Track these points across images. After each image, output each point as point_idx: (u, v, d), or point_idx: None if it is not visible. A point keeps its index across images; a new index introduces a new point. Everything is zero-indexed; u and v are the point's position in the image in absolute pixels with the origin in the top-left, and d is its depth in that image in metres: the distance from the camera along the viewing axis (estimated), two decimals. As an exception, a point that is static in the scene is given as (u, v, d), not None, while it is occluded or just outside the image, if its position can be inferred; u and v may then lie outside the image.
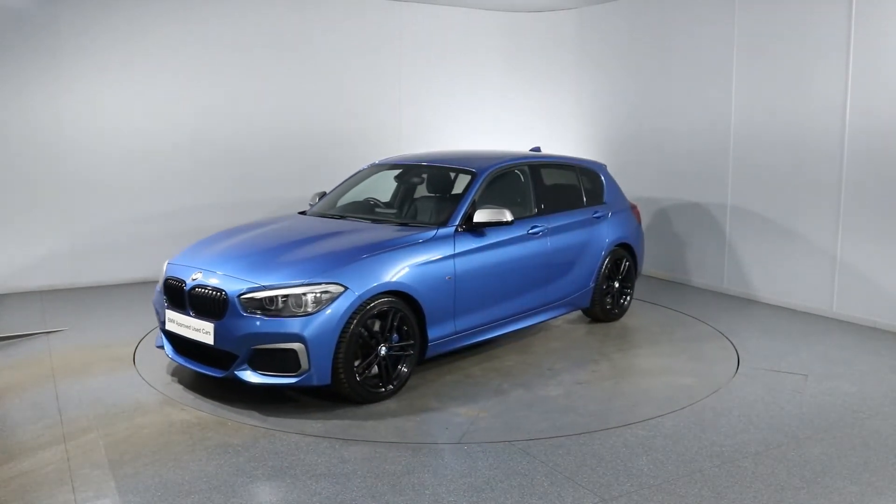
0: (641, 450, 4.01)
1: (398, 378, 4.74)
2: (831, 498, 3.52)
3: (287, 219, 5.89)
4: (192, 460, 3.83)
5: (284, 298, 4.38)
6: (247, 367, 4.43)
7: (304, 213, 6.05)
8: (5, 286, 7.44)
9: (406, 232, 5.09)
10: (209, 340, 4.52)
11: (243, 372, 4.43)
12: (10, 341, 5.90)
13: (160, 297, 5.00)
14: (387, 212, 5.93)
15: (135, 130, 7.88)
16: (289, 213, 6.40)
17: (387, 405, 4.63)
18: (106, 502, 3.42)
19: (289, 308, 4.36)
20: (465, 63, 9.77)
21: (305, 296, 4.37)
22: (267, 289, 4.42)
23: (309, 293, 4.38)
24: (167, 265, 5.09)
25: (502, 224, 5.27)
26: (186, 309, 4.71)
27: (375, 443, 4.07)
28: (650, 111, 8.61)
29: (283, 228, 5.43)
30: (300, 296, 4.37)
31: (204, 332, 4.55)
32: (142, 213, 7.99)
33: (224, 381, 4.74)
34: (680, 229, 8.33)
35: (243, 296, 4.43)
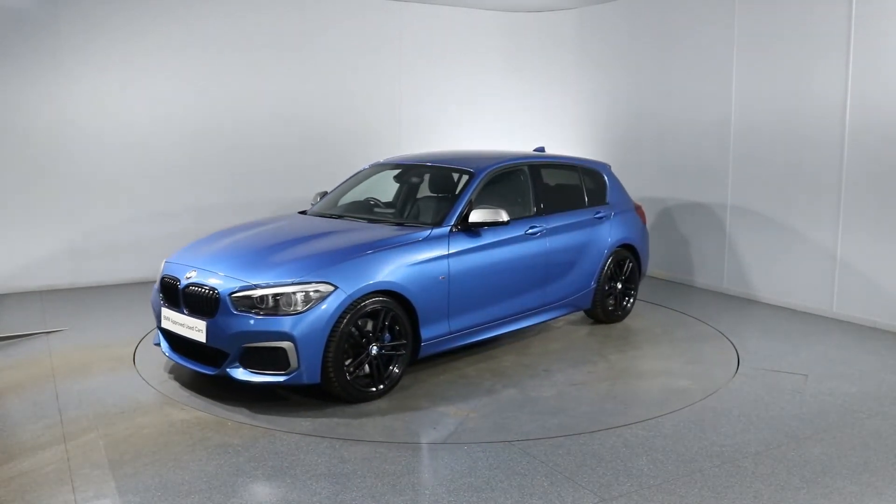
0: (641, 450, 4.01)
1: (389, 378, 4.75)
2: (831, 498, 3.52)
3: (285, 218, 5.91)
4: (192, 460, 3.83)
5: (274, 297, 4.41)
6: (238, 365, 4.47)
7: (305, 213, 6.07)
8: (5, 286, 7.44)
9: (400, 232, 5.09)
10: (201, 338, 4.57)
11: (234, 370, 4.48)
12: (10, 341, 5.90)
13: (157, 296, 5.06)
14: (385, 212, 5.93)
15: (135, 130, 7.88)
16: (288, 213, 6.41)
17: (377, 404, 4.63)
18: (106, 502, 3.42)
19: (279, 307, 4.39)
20: (465, 63, 9.77)
21: (295, 295, 4.40)
22: (257, 287, 4.46)
23: (299, 292, 4.40)
24: (164, 264, 5.14)
25: (498, 224, 5.26)
26: (181, 307, 4.76)
27: (375, 443, 4.07)
28: (650, 111, 8.61)
29: (280, 228, 5.45)
30: (290, 295, 4.40)
31: (196, 330, 4.60)
32: (142, 214, 7.99)
33: (225, 382, 4.73)
34: (680, 229, 8.33)
35: (234, 294, 4.47)
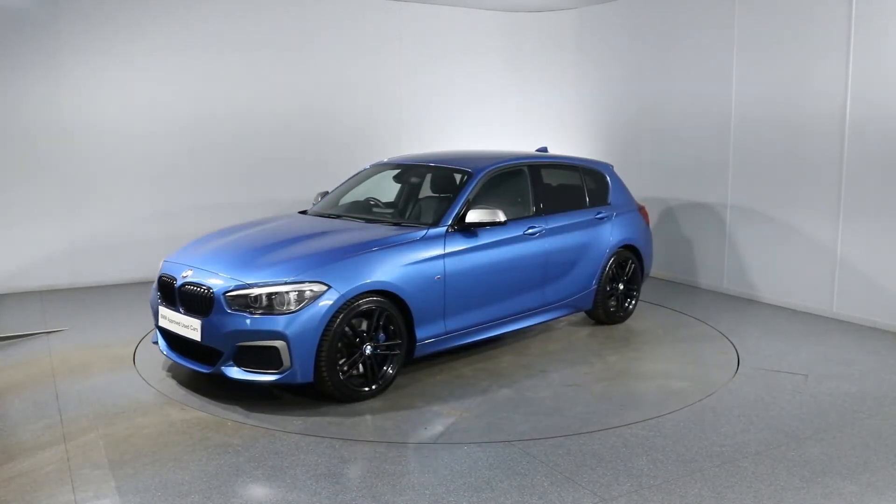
0: (641, 450, 4.01)
1: (383, 378, 4.75)
2: (831, 498, 3.52)
3: (283, 218, 5.94)
4: (192, 460, 3.83)
5: (268, 296, 4.42)
6: (232, 364, 4.50)
7: (305, 213, 6.09)
8: (5, 286, 7.44)
9: (396, 232, 5.10)
10: (196, 337, 4.60)
11: (229, 368, 4.50)
12: (10, 341, 5.91)
13: (155, 295, 5.10)
14: (383, 211, 5.93)
15: (135, 131, 7.88)
16: (288, 213, 6.42)
17: (371, 403, 4.64)
18: (106, 502, 3.42)
19: (272, 306, 4.41)
20: (465, 63, 9.77)
21: (288, 294, 4.42)
22: (251, 287, 4.48)
23: (292, 291, 4.42)
24: (163, 263, 5.18)
25: (496, 224, 5.26)
26: (177, 305, 4.80)
27: (375, 443, 4.07)
28: (650, 111, 8.61)
29: (277, 228, 5.48)
30: (283, 294, 4.42)
31: (192, 329, 4.63)
32: (142, 214, 7.99)
33: (225, 382, 4.74)
34: (680, 228, 8.33)
35: (228, 293, 4.49)
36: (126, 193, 7.90)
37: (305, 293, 4.42)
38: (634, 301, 6.71)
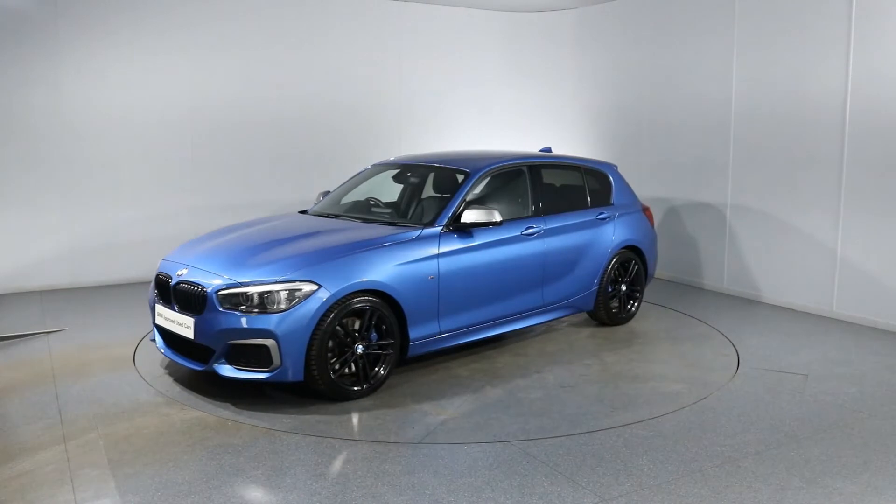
0: (641, 450, 4.01)
1: (375, 378, 4.76)
2: (831, 498, 3.52)
3: (281, 217, 5.96)
4: (192, 460, 3.83)
5: (258, 295, 4.45)
6: (224, 362, 4.53)
7: (306, 212, 6.10)
8: (5, 286, 7.45)
9: (390, 231, 5.10)
10: (190, 335, 4.64)
11: (221, 366, 4.54)
12: (10, 341, 5.91)
13: (152, 293, 5.15)
14: (381, 211, 5.94)
15: (135, 131, 7.89)
16: (288, 213, 6.43)
17: (361, 402, 4.65)
18: (106, 502, 3.41)
19: (263, 304, 4.44)
20: (465, 63, 9.77)
21: (279, 293, 4.44)
22: (242, 285, 4.51)
23: (282, 290, 4.45)
24: (161, 261, 5.23)
25: (492, 225, 5.26)
26: (172, 303, 4.84)
27: (376, 442, 4.07)
28: (650, 110, 8.61)
29: (274, 227, 5.50)
30: (274, 293, 4.45)
31: (185, 327, 4.67)
32: (142, 214, 8.00)
33: (223, 381, 4.75)
34: (680, 229, 8.33)
35: (220, 292, 4.53)
36: (126, 194, 7.90)
37: (296, 292, 4.45)
38: (637, 303, 6.66)
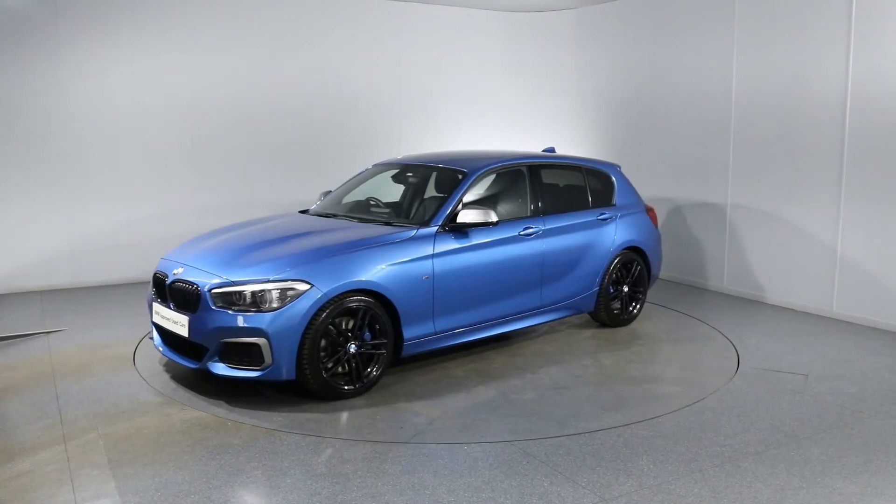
0: (641, 450, 4.01)
1: (367, 377, 4.77)
2: (831, 498, 3.52)
3: (279, 217, 5.98)
4: (192, 460, 3.83)
5: (251, 294, 4.48)
6: (217, 360, 4.56)
7: (306, 212, 6.11)
8: (5, 286, 7.44)
9: (385, 231, 5.11)
10: (184, 333, 4.67)
11: (214, 364, 4.57)
12: (10, 341, 5.91)
13: (151, 291, 5.20)
14: (379, 211, 5.93)
15: (135, 131, 7.88)
16: (288, 212, 6.44)
17: (354, 401, 4.66)
18: (106, 502, 3.42)
19: (255, 303, 4.47)
20: (465, 63, 9.77)
21: (271, 292, 4.47)
22: (235, 284, 4.54)
23: (274, 289, 4.47)
24: (160, 260, 5.27)
25: (488, 225, 5.26)
26: (168, 302, 4.88)
27: (376, 442, 4.07)
28: (649, 110, 8.61)
29: (271, 227, 5.52)
30: (266, 292, 4.47)
31: (180, 325, 4.71)
32: (142, 214, 7.99)
33: (221, 381, 4.76)
34: (680, 229, 8.33)
35: (213, 290, 4.56)
36: (126, 194, 7.90)
37: (288, 291, 4.47)
38: (640, 304, 6.59)
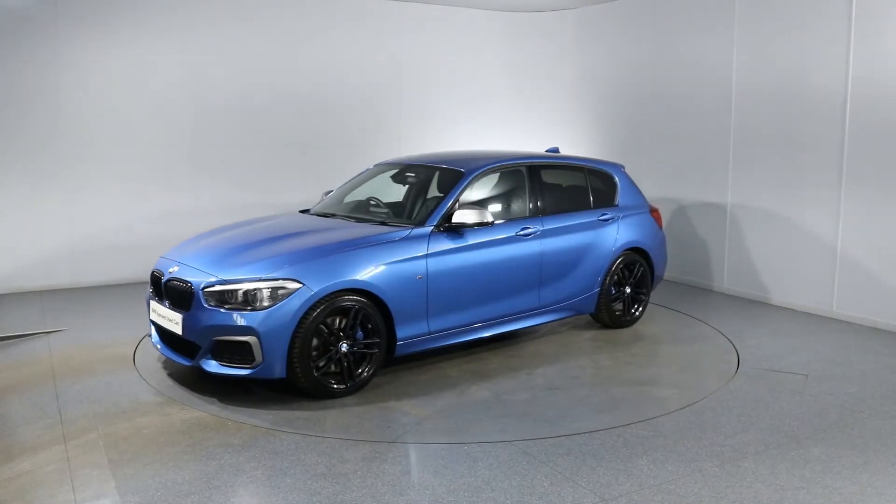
0: (641, 450, 4.01)
1: (359, 377, 4.77)
2: (831, 498, 3.52)
3: (277, 217, 6.01)
4: (192, 460, 3.83)
5: (242, 292, 4.52)
6: (209, 358, 4.61)
7: (307, 212, 6.12)
8: (5, 286, 7.44)
9: (379, 231, 5.12)
10: (178, 330, 4.72)
11: (206, 362, 4.62)
12: (10, 341, 5.91)
13: (148, 289, 5.26)
14: (378, 211, 5.93)
15: (135, 131, 7.88)
16: (287, 212, 6.44)
17: (345, 400, 4.67)
18: (106, 502, 3.42)
19: (246, 302, 4.51)
20: (465, 63, 9.77)
21: (262, 290, 4.50)
22: (226, 283, 4.58)
23: (265, 288, 4.51)
24: (158, 259, 5.31)
25: (483, 225, 5.25)
26: (163, 300, 4.93)
27: (376, 442, 4.07)
28: (649, 111, 8.61)
29: (267, 226, 5.54)
30: (257, 290, 4.51)
31: (175, 323, 4.76)
32: (142, 214, 7.99)
33: (220, 380, 4.77)
34: (680, 229, 8.33)
35: (206, 289, 4.61)
36: (126, 194, 7.90)
37: (279, 290, 4.50)
38: (643, 306, 6.54)
